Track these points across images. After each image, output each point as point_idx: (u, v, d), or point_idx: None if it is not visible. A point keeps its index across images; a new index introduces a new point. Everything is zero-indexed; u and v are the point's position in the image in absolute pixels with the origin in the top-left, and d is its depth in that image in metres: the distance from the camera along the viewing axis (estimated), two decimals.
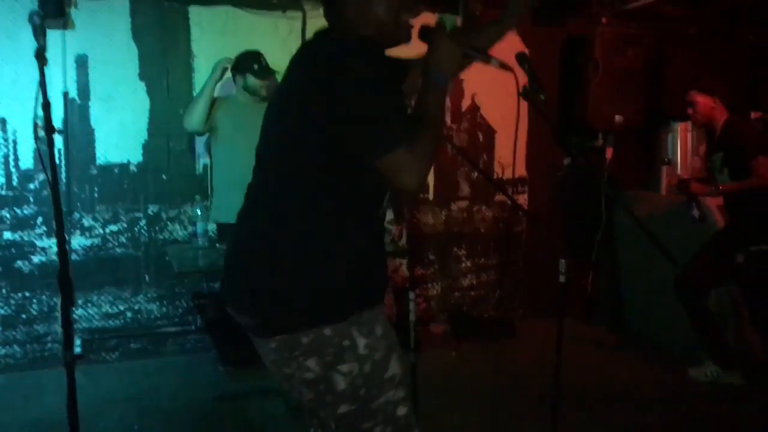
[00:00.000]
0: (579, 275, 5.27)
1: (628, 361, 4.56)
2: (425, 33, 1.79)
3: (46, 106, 2.12)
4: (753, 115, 5.12)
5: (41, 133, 2.17)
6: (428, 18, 4.66)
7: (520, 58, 3.03)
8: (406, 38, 1.81)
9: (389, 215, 4.29)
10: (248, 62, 4.00)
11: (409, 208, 4.13)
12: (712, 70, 5.00)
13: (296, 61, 1.80)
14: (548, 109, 3.10)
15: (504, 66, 1.85)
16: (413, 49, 1.85)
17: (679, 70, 4.96)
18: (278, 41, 4.59)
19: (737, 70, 5.09)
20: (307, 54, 1.79)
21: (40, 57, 2.19)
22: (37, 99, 2.19)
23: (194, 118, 3.87)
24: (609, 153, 5.14)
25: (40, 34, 2.20)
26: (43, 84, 2.14)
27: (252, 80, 3.99)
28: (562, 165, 2.81)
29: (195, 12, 4.44)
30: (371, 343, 1.71)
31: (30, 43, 3.99)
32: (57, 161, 4.21)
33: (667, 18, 5.21)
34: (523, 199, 5.03)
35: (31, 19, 2.26)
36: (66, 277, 2.17)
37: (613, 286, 5.20)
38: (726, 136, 4.03)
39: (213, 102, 3.92)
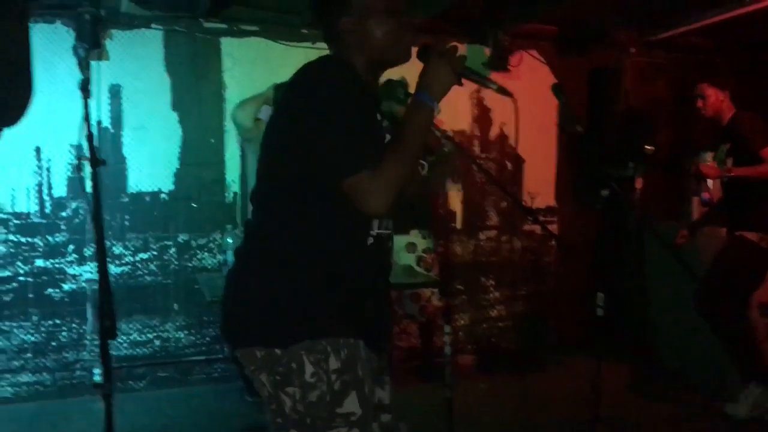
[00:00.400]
0: (610, 306, 5.21)
1: (661, 395, 4.47)
2: (423, 52, 1.79)
3: (90, 138, 2.13)
4: None
5: (85, 165, 2.17)
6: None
7: (556, 89, 3.05)
8: (405, 57, 1.81)
9: (425, 244, 4.29)
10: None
11: (444, 238, 4.10)
12: (741, 100, 4.97)
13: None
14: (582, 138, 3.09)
15: (503, 92, 1.81)
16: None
17: None
18: None
19: (765, 99, 5.05)
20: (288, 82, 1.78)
21: (84, 89, 2.22)
22: (80, 131, 2.20)
23: (247, 112, 3.87)
24: (639, 183, 5.11)
25: (84, 67, 2.22)
26: (87, 116, 2.15)
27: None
28: (600, 196, 2.79)
29: (227, 43, 4.50)
30: (318, 373, 1.65)
31: (65, 73, 4.12)
32: (89, 188, 4.31)
33: (695, 48, 5.20)
34: (552, 229, 4.99)
35: (75, 52, 2.30)
36: (110, 311, 2.16)
37: (645, 318, 5.12)
38: (733, 127, 4.03)
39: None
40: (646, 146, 4.74)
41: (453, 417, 2.80)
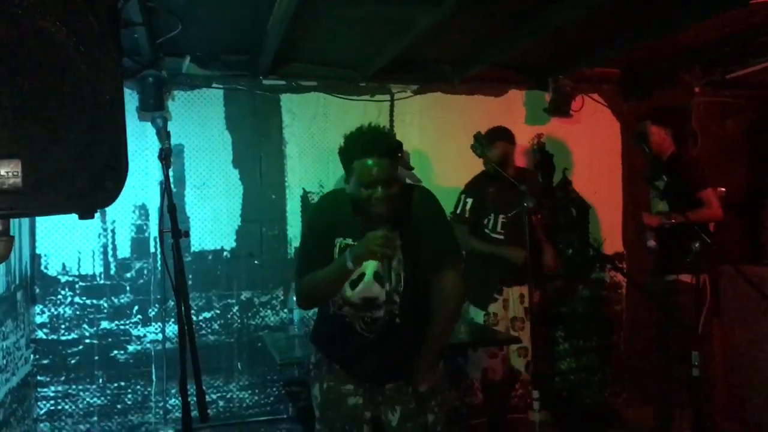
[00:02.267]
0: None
1: None
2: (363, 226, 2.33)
3: (172, 209, 2.09)
4: None
5: (167, 236, 2.13)
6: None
7: (638, 138, 2.94)
8: (377, 210, 2.26)
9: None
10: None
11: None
12: None
13: None
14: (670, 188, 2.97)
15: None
16: None
17: None
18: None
19: None
20: None
21: (166, 159, 2.18)
22: (162, 201, 2.16)
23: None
24: (712, 226, 4.91)
25: (164, 137, 2.20)
26: (168, 187, 2.11)
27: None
28: (689, 249, 2.66)
29: (286, 99, 4.51)
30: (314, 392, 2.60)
31: (129, 135, 4.16)
32: (153, 249, 4.31)
33: (763, 85, 5.03)
34: (621, 277, 4.82)
35: (154, 122, 2.28)
36: (201, 398, 2.08)
37: (723, 368, 4.87)
38: (673, 166, 3.99)
39: None
40: (719, 188, 4.57)
41: None
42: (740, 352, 4.74)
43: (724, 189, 4.61)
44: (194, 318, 4.37)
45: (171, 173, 4.32)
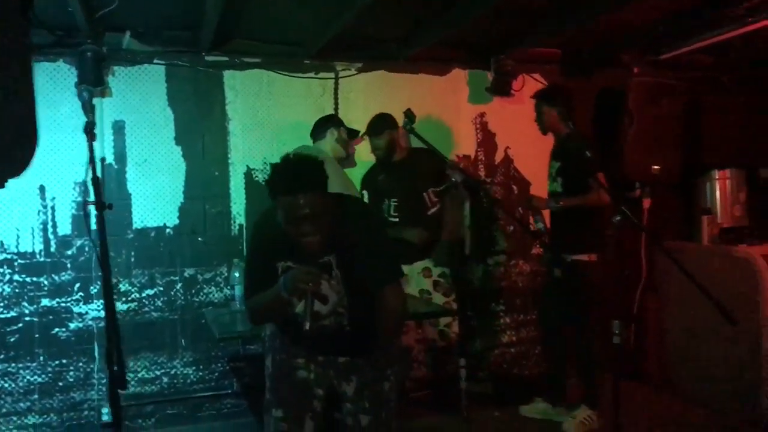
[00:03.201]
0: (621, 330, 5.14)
1: (678, 418, 4.40)
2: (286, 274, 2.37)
3: (96, 182, 2.10)
4: None
5: (91, 208, 2.14)
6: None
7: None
8: (307, 244, 2.28)
9: (440, 269, 4.25)
10: (339, 120, 4.36)
11: (457, 264, 4.08)
12: (747, 116, 4.95)
13: None
14: (593, 163, 3.06)
15: None
16: None
17: (715, 118, 4.90)
18: (311, 102, 4.63)
19: None
20: None
21: (89, 132, 2.18)
22: (86, 170, 2.17)
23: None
24: (646, 204, 5.07)
25: (89, 109, 2.20)
26: (92, 159, 2.12)
27: (344, 134, 4.34)
28: (612, 222, 2.75)
29: (229, 76, 4.49)
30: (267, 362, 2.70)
31: (69, 111, 4.12)
32: (94, 225, 4.27)
33: (699, 66, 5.18)
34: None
35: (80, 95, 2.27)
36: (119, 360, 2.10)
37: (659, 340, 5.06)
38: (566, 147, 4.13)
39: None
40: (653, 166, 4.72)
41: None
42: (674, 326, 4.93)
43: (658, 167, 4.77)
44: (137, 295, 4.37)
45: (112, 150, 4.34)
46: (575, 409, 4.16)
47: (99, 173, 4.13)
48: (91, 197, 2.19)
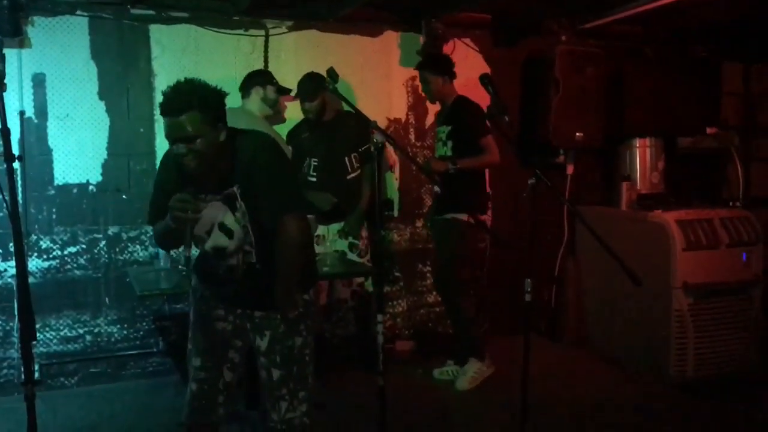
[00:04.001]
0: (543, 291, 5.34)
1: (593, 376, 4.61)
2: None
3: (6, 132, 2.05)
4: (708, 130, 5.26)
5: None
6: None
7: (484, 79, 3.08)
8: (186, 166, 2.31)
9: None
10: (268, 76, 4.24)
11: (380, 226, 4.15)
12: (668, 86, 5.12)
13: None
14: (511, 128, 3.13)
15: None
16: None
17: (636, 87, 5.05)
18: (241, 59, 4.58)
19: (691, 86, 5.21)
20: None
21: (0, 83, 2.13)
22: None
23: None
24: (570, 170, 5.23)
25: (0, 59, 2.14)
26: (2, 110, 2.07)
27: (272, 93, 4.20)
28: (527, 185, 2.85)
29: (156, 30, 4.39)
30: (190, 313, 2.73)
31: None
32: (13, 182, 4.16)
33: (623, 36, 5.33)
34: (486, 217, 5.05)
35: None
36: (28, 311, 2.09)
37: (577, 301, 5.27)
38: (456, 112, 4.33)
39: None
40: (577, 133, 4.86)
41: (386, 405, 2.81)
42: (591, 288, 5.14)
43: (582, 134, 4.91)
44: (59, 252, 4.30)
45: (32, 103, 4.21)
46: (465, 365, 4.35)
47: (18, 127, 4.08)
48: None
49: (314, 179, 4.37)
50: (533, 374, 3.05)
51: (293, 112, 4.62)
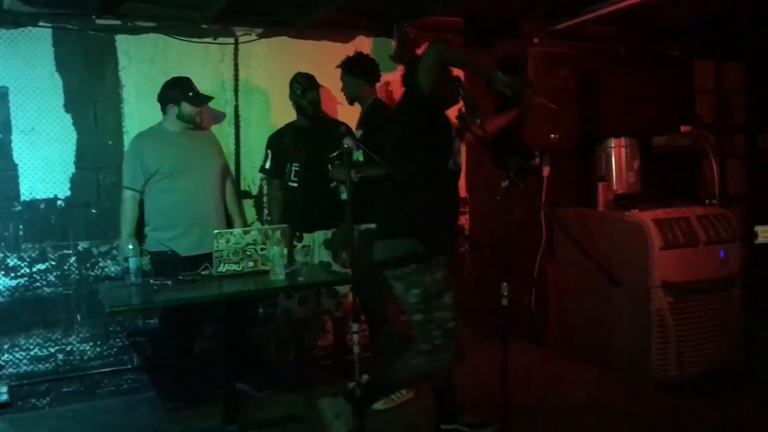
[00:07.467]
0: (523, 294, 5.30)
1: (575, 379, 4.58)
2: None
3: None
4: (683, 128, 5.27)
5: None
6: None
7: (455, 83, 3.04)
8: None
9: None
10: (182, 90, 3.95)
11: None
12: (642, 86, 5.13)
13: None
14: (484, 131, 3.10)
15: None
16: None
17: (610, 88, 5.05)
18: (210, 68, 4.51)
19: (665, 84, 5.23)
20: None
21: None
22: None
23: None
24: (546, 172, 5.21)
25: None
26: None
27: (188, 108, 3.95)
28: (500, 188, 2.82)
29: (122, 40, 4.30)
30: None
31: None
32: None
33: (596, 37, 5.33)
34: (464, 220, 5.02)
35: None
36: None
37: (558, 303, 5.24)
38: (372, 114, 4.13)
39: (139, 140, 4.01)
40: (551, 135, 4.85)
41: (364, 415, 2.76)
42: (571, 289, 5.12)
43: (557, 135, 4.90)
44: (27, 270, 4.18)
45: None
46: None
47: None
48: None
49: (296, 184, 4.25)
50: (515, 378, 3.01)
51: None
